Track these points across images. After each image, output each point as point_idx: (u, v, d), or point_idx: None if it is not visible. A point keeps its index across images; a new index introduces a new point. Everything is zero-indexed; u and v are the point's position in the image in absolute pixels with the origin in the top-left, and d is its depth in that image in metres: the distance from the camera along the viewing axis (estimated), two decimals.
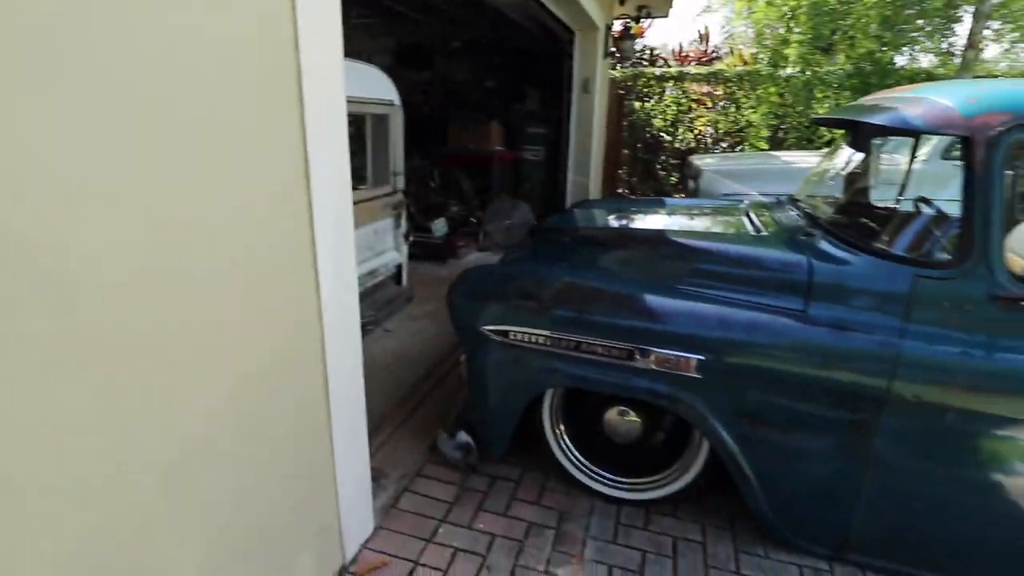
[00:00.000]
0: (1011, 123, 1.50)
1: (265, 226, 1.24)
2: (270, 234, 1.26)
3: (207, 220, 1.08)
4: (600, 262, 2.04)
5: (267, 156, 1.22)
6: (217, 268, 1.12)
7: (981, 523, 1.62)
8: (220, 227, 1.11)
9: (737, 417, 1.72)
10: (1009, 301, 1.51)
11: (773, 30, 7.13)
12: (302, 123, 1.29)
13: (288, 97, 1.25)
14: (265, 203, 1.23)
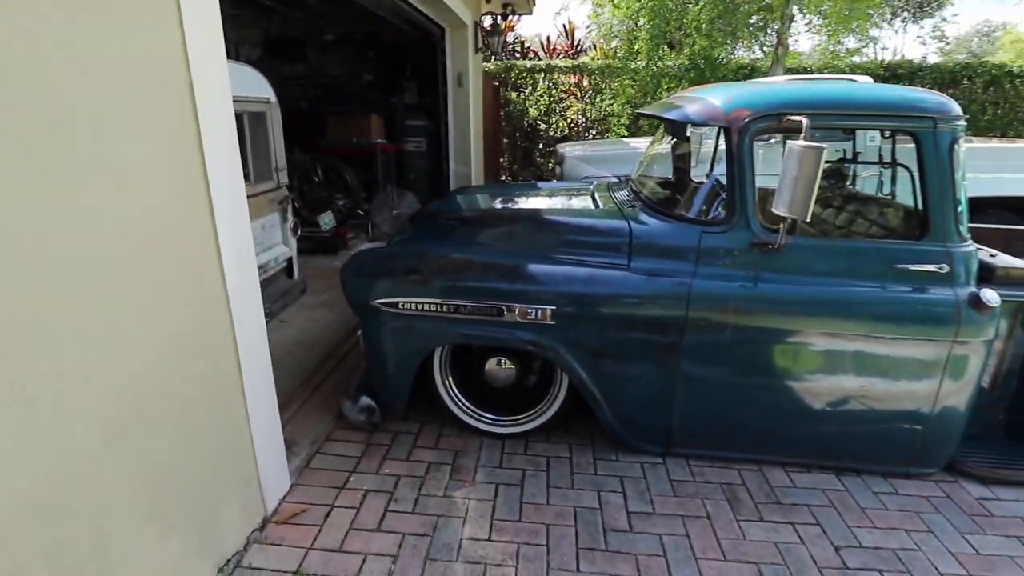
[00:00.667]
0: (753, 116, 2.08)
1: (171, 216, 1.46)
2: (177, 223, 1.48)
3: (116, 212, 1.30)
4: (470, 239, 2.43)
5: (167, 154, 1.44)
6: (130, 257, 1.34)
7: (763, 411, 2.23)
8: (129, 218, 1.33)
9: (585, 352, 2.20)
10: (762, 245, 2.10)
11: (624, 27, 7.90)
12: (197, 124, 1.52)
13: (183, 101, 1.47)
14: (167, 194, 1.45)
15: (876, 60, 10.37)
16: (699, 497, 2.13)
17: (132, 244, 1.33)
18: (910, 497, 2.17)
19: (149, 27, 1.35)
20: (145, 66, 1.34)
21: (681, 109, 2.37)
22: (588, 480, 2.21)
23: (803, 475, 2.27)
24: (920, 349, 2.05)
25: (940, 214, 2.04)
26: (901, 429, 2.18)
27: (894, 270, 2.07)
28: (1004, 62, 9.24)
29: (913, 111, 2.03)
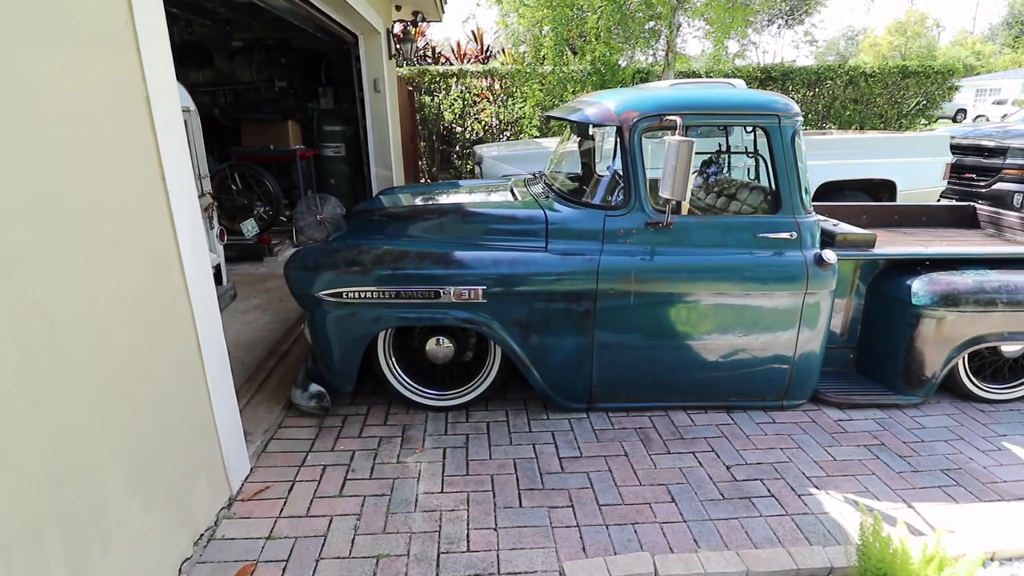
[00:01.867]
0: (639, 116, 2.48)
1: (139, 218, 1.61)
2: (143, 224, 1.63)
3: (97, 216, 1.44)
4: (403, 232, 2.67)
5: (129, 164, 1.59)
6: (109, 254, 1.48)
7: (665, 364, 2.63)
8: (108, 222, 1.48)
9: (514, 325, 2.50)
10: (653, 224, 2.51)
11: (530, 34, 8.34)
12: (155, 135, 1.67)
13: (142, 117, 1.62)
14: (136, 199, 1.60)
15: (755, 64, 11.56)
16: (618, 440, 2.51)
17: (110, 242, 1.48)
18: (784, 424, 2.66)
19: (113, 53, 1.50)
20: (111, 85, 1.49)
21: (582, 112, 2.74)
22: (524, 437, 2.52)
23: (701, 415, 2.71)
24: (781, 300, 2.54)
25: (788, 191, 2.54)
26: (773, 369, 2.67)
27: (756, 239, 2.55)
28: (860, 64, 10.63)
29: (762, 110, 2.52)
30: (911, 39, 29.32)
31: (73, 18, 1.37)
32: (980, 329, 2.68)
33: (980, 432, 2.64)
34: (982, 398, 2.89)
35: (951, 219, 4.01)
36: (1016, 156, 5.46)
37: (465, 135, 10.11)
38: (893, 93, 10.04)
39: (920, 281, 2.67)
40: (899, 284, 2.74)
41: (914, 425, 2.69)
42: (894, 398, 2.82)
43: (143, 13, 1.60)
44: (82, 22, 1.40)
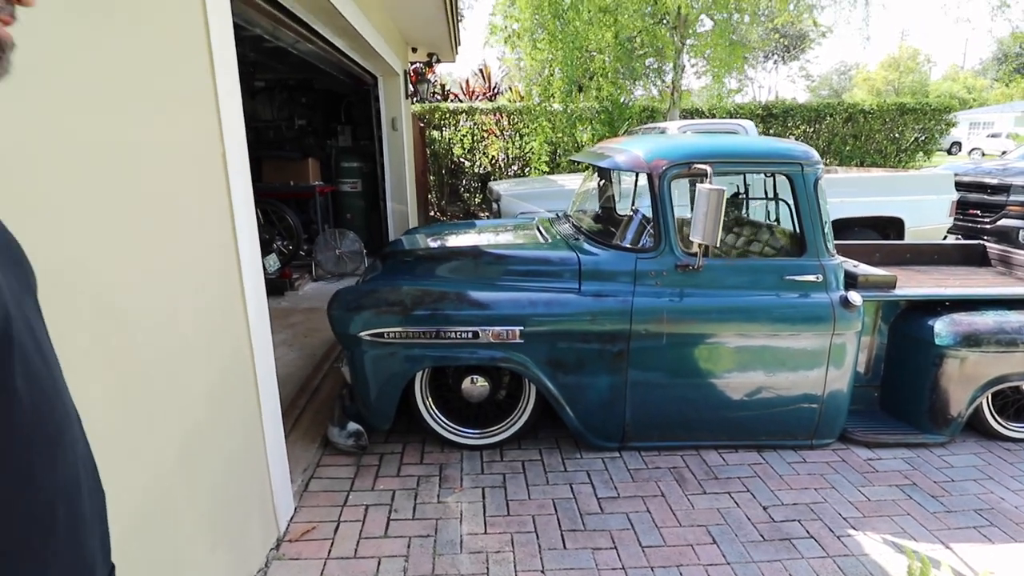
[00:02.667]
0: (669, 164, 2.59)
1: (213, 263, 1.69)
2: (216, 269, 1.71)
3: (178, 258, 1.52)
4: (441, 273, 2.75)
5: (211, 211, 1.68)
6: (192, 311, 1.56)
7: (696, 404, 2.69)
8: (186, 263, 1.56)
9: (550, 365, 2.56)
10: (683, 267, 2.59)
11: (540, 74, 8.61)
12: (228, 191, 1.76)
13: (219, 171, 1.72)
14: (211, 251, 1.68)
15: (755, 100, 11.87)
16: (653, 480, 2.54)
17: (196, 288, 1.56)
18: (815, 463, 2.70)
19: (201, 111, 1.61)
20: (194, 140, 1.59)
21: (612, 159, 2.86)
22: (560, 476, 2.55)
23: (732, 454, 2.75)
24: (809, 342, 2.60)
25: (812, 235, 2.63)
26: (802, 409, 2.72)
27: (783, 281, 2.63)
28: (858, 101, 10.92)
29: (786, 159, 2.63)
30: (904, 74, 30.14)
31: (172, 86, 1.48)
32: (1003, 369, 2.74)
33: (1008, 471, 2.68)
34: (1007, 437, 2.93)
35: (961, 257, 4.10)
36: (1019, 193, 5.60)
37: (474, 169, 10.33)
38: (891, 129, 10.31)
39: (942, 322, 2.74)
40: (922, 325, 2.81)
41: (943, 464, 2.72)
42: (921, 437, 2.86)
43: (223, 78, 1.71)
44: (178, 89, 1.51)
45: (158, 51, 1.44)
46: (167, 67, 1.48)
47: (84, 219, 1.17)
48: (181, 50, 1.55)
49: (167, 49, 1.47)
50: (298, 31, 3.55)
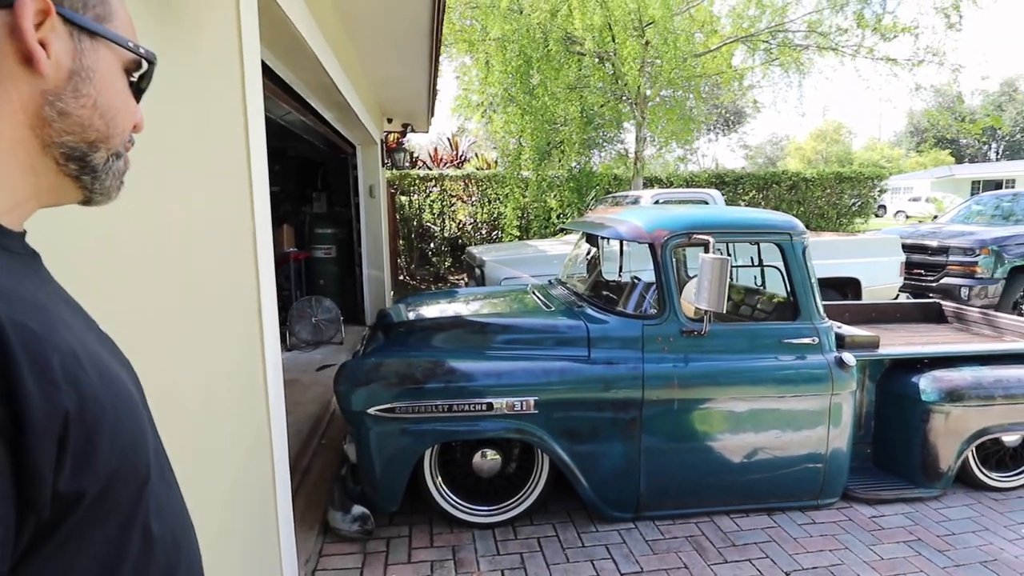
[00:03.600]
0: (669, 235, 2.72)
1: (240, 339, 1.63)
2: (244, 346, 1.65)
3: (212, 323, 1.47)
4: (448, 343, 2.72)
5: (242, 276, 1.64)
6: (224, 392, 1.49)
7: (708, 469, 2.69)
8: (221, 332, 1.50)
9: (564, 435, 2.54)
10: (688, 333, 2.67)
11: (510, 143, 8.98)
12: (256, 268, 1.73)
13: (249, 245, 1.69)
14: (237, 317, 1.63)
15: (708, 169, 12.69)
16: (672, 551, 2.49)
17: (228, 372, 1.49)
18: (825, 524, 2.72)
19: (237, 195, 1.60)
20: (235, 223, 1.58)
21: (614, 229, 2.98)
22: (579, 552, 2.47)
23: (744, 519, 2.74)
24: (811, 402, 2.69)
25: (805, 300, 2.78)
26: (808, 469, 2.77)
27: (782, 344, 2.74)
28: (800, 170, 11.85)
29: (776, 229, 2.81)
30: (830, 144, 33.06)
31: (219, 167, 1.48)
32: (984, 422, 2.89)
33: (1001, 521, 2.78)
34: (992, 487, 3.05)
35: (921, 315, 4.40)
36: (957, 254, 6.12)
37: (443, 233, 10.46)
38: (831, 195, 11.17)
39: (926, 379, 2.90)
40: (907, 382, 2.96)
41: (941, 518, 2.80)
42: (916, 492, 2.95)
43: (256, 159, 1.73)
44: (224, 170, 1.51)
45: (212, 135, 1.44)
46: (217, 151, 1.48)
47: (145, 306, 1.12)
48: (227, 135, 1.56)
49: (218, 133, 1.48)
50: (293, 105, 3.61)
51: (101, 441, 0.45)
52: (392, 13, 3.39)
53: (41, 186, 0.52)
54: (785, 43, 9.45)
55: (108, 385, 0.48)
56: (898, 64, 9.25)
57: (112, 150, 0.56)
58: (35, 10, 0.47)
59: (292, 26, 2.28)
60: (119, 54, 0.55)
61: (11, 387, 0.39)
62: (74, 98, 0.51)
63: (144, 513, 0.51)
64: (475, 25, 8.46)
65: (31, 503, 0.40)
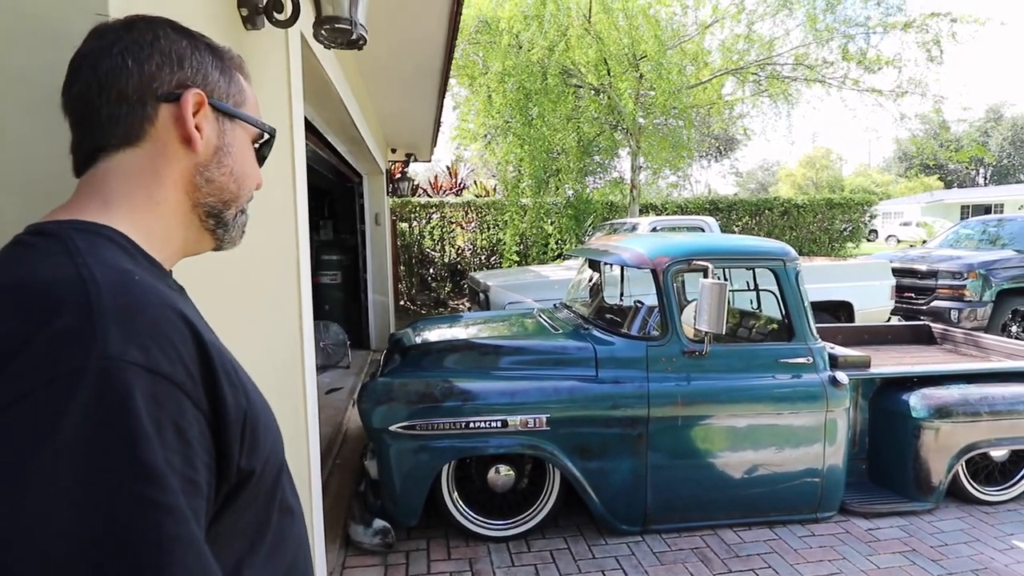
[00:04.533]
0: (671, 261, 2.90)
1: (285, 341, 1.78)
2: (293, 378, 1.80)
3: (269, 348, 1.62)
4: (464, 364, 2.86)
5: (290, 298, 1.79)
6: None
7: (711, 483, 2.83)
8: (278, 352, 1.65)
9: (575, 451, 2.67)
10: (690, 353, 2.83)
11: (508, 171, 9.25)
12: (298, 288, 1.90)
13: (293, 272, 1.86)
14: (283, 335, 1.78)
15: (702, 195, 13.00)
16: (679, 562, 2.61)
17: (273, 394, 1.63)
18: (824, 536, 2.84)
19: (284, 226, 1.78)
20: (283, 261, 1.75)
21: (618, 255, 3.17)
22: (591, 564, 2.59)
23: (747, 532, 2.87)
24: (807, 419, 2.84)
25: (799, 322, 2.95)
26: (806, 483, 2.90)
27: (778, 363, 2.91)
28: (791, 196, 12.17)
29: (771, 255, 3.01)
30: (820, 171, 33.79)
31: (275, 205, 1.66)
32: (972, 437, 3.05)
33: (991, 533, 2.91)
34: (982, 500, 3.19)
35: (912, 337, 4.58)
36: (946, 278, 6.33)
37: (443, 259, 10.66)
38: (823, 221, 11.47)
39: (916, 396, 3.06)
40: (898, 399, 3.12)
41: (934, 530, 2.93)
42: (910, 505, 3.08)
43: (300, 197, 1.91)
44: (274, 205, 1.69)
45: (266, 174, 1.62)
46: (270, 191, 1.66)
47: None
48: (280, 171, 1.74)
49: (275, 170, 1.66)
50: (312, 140, 3.82)
51: (260, 433, 0.57)
52: (407, 54, 3.62)
53: (190, 238, 0.66)
54: (773, 75, 9.84)
55: (256, 392, 0.61)
56: (882, 95, 9.64)
57: (240, 207, 0.70)
58: (194, 102, 0.61)
59: (323, 72, 2.49)
60: (249, 130, 0.70)
61: (215, 389, 0.52)
62: (218, 168, 0.65)
63: (282, 491, 0.64)
64: (476, 60, 8.80)
65: (225, 475, 0.52)
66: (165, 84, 0.61)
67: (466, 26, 8.28)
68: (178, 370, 0.48)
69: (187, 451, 0.47)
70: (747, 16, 9.47)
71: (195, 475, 0.47)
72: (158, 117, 0.61)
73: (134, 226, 0.59)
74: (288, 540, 0.64)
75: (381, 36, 3.21)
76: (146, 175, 0.61)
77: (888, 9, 9.06)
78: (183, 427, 0.47)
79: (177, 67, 0.61)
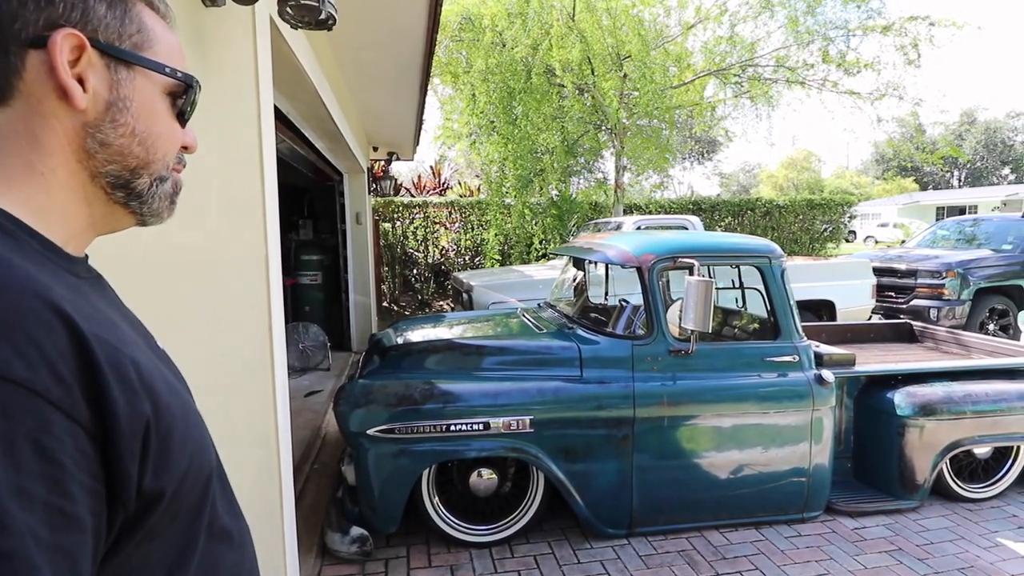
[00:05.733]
0: (656, 259, 2.85)
1: (251, 359, 1.68)
2: (256, 378, 1.70)
3: (234, 344, 1.52)
4: (445, 365, 2.78)
5: (258, 299, 1.70)
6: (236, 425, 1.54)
7: (698, 484, 2.77)
8: (243, 352, 1.55)
9: (559, 453, 2.60)
10: (676, 352, 2.78)
11: (493, 171, 9.16)
12: (267, 286, 1.80)
13: (262, 269, 1.76)
14: (250, 337, 1.69)
15: (684, 196, 13.06)
16: (666, 565, 2.55)
17: (244, 401, 1.54)
18: (810, 536, 2.81)
19: (251, 222, 1.68)
20: (251, 258, 1.65)
21: (603, 253, 3.11)
22: (575, 569, 2.52)
23: (733, 533, 2.82)
24: (793, 418, 2.81)
25: (785, 320, 2.92)
26: (793, 483, 2.87)
27: (764, 362, 2.87)
28: (773, 197, 12.26)
29: (757, 253, 2.97)
30: (800, 172, 34.26)
31: (235, 197, 1.56)
32: (956, 435, 3.04)
33: (976, 530, 2.90)
34: (966, 498, 3.19)
35: (894, 335, 4.60)
36: (925, 277, 6.40)
37: (426, 260, 10.54)
38: (803, 221, 11.58)
39: (900, 394, 3.05)
40: (883, 397, 3.10)
41: (919, 528, 2.91)
42: (895, 503, 3.06)
43: (269, 189, 1.81)
44: (240, 199, 1.59)
45: (231, 165, 1.53)
46: (235, 179, 1.56)
47: (166, 324, 1.19)
48: (248, 163, 1.65)
49: (242, 162, 1.57)
50: (287, 134, 3.71)
51: (174, 445, 0.49)
52: (387, 47, 3.53)
53: (96, 215, 0.55)
54: (755, 77, 9.91)
55: (174, 394, 0.52)
56: (861, 97, 9.75)
57: (155, 175, 0.57)
58: (69, 47, 0.49)
59: (296, 59, 2.39)
60: (158, 80, 0.56)
61: (100, 395, 0.42)
62: (113, 128, 0.52)
63: (211, 512, 0.55)
64: (460, 58, 8.72)
65: (120, 499, 0.44)
66: (31, 25, 0.48)
67: (449, 23, 8.19)
68: (40, 374, 0.39)
69: (55, 475, 0.38)
70: (729, 18, 9.52)
71: (69, 504, 0.38)
72: (26, 68, 0.49)
73: (18, 202, 0.49)
74: (221, 569, 0.55)
75: (360, 27, 3.11)
76: (21, 140, 0.50)
77: (868, 12, 9.17)
78: (46, 445, 0.38)
79: (45, 1, 0.48)
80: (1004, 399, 3.06)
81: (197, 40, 1.30)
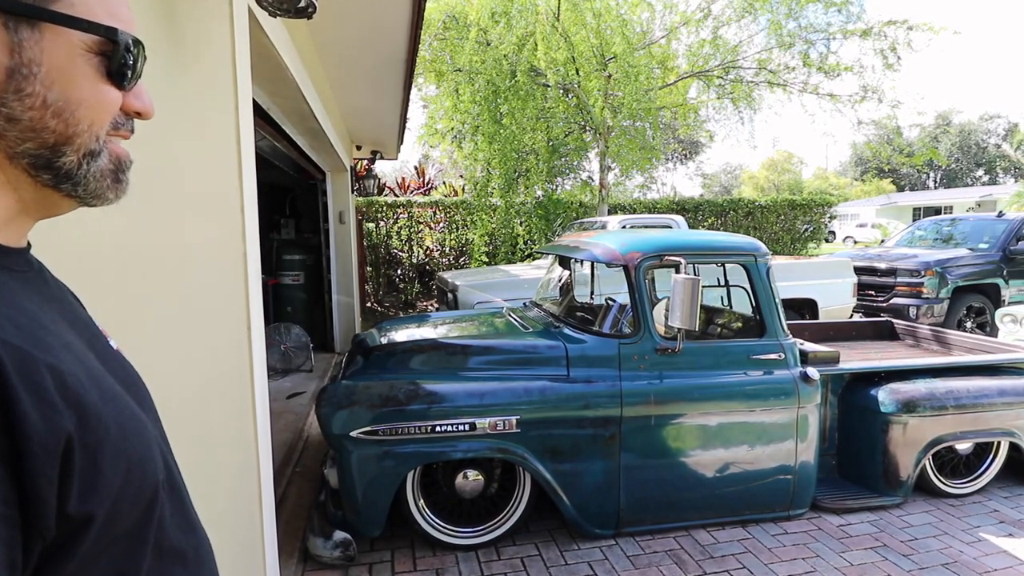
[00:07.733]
0: (642, 257, 2.83)
1: (228, 359, 1.62)
2: (234, 373, 1.64)
3: (209, 346, 1.46)
4: (430, 365, 2.73)
5: (234, 298, 1.64)
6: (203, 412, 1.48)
7: (685, 483, 2.76)
8: (219, 352, 1.49)
9: (546, 453, 2.57)
10: (663, 351, 2.76)
11: (480, 172, 9.12)
12: (245, 273, 1.74)
13: (240, 268, 1.70)
14: (228, 336, 1.63)
15: (668, 196, 13.14)
16: (654, 566, 2.53)
17: (220, 401, 1.48)
18: (796, 534, 2.81)
19: (228, 218, 1.62)
20: (228, 257, 1.59)
21: (589, 251, 3.08)
22: (562, 570, 2.49)
23: (721, 532, 2.81)
24: (779, 415, 2.81)
25: (770, 318, 2.92)
26: (779, 480, 2.87)
27: (750, 360, 2.87)
28: (755, 197, 12.38)
29: (742, 251, 2.97)
30: (781, 173, 34.73)
31: (211, 192, 1.50)
32: (938, 431, 3.07)
33: (958, 526, 2.93)
34: (949, 493, 3.22)
35: (875, 333, 4.65)
36: (904, 276, 6.50)
37: (411, 260, 10.45)
38: (785, 221, 11.71)
39: (884, 391, 3.07)
40: (866, 394, 3.12)
41: (904, 524, 2.93)
42: (880, 500, 3.08)
43: (247, 185, 1.75)
44: (216, 193, 1.53)
45: (206, 157, 1.47)
46: (211, 173, 1.51)
47: (138, 322, 1.13)
48: (225, 158, 1.59)
49: (219, 157, 1.51)
50: (268, 131, 3.63)
51: (105, 462, 0.43)
52: (370, 43, 3.47)
53: (26, 200, 0.49)
54: (737, 80, 10.00)
55: (110, 403, 0.46)
56: (840, 100, 9.90)
57: (82, 150, 0.48)
58: None
59: (276, 53, 2.33)
60: (75, 38, 0.46)
61: (8, 411, 0.37)
62: (19, 100, 0.44)
63: (158, 531, 0.50)
64: (445, 56, 8.66)
65: (35, 528, 0.39)
66: None
67: (434, 21, 8.12)
68: None
69: None
70: (713, 21, 9.60)
71: None
72: None
73: None
74: None
75: (342, 22, 3.05)
76: None
77: (848, 16, 9.31)
78: None
79: None
80: (985, 395, 3.10)
81: (171, 27, 1.25)
